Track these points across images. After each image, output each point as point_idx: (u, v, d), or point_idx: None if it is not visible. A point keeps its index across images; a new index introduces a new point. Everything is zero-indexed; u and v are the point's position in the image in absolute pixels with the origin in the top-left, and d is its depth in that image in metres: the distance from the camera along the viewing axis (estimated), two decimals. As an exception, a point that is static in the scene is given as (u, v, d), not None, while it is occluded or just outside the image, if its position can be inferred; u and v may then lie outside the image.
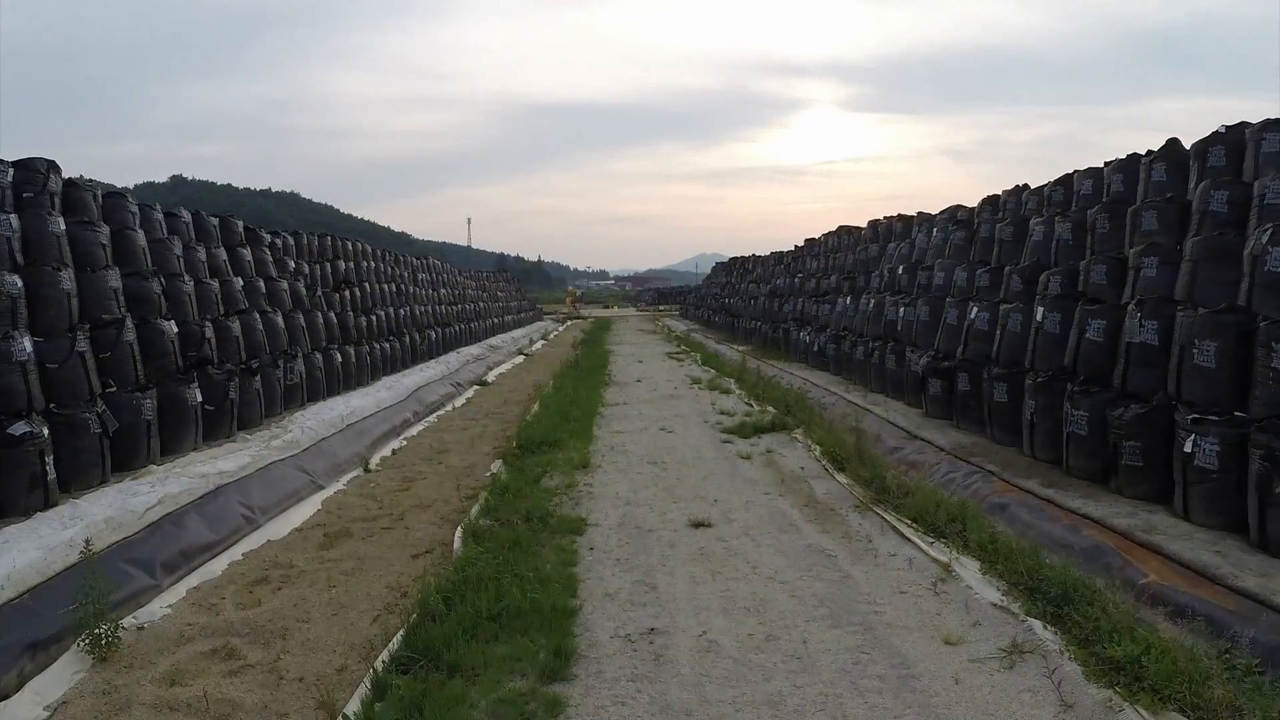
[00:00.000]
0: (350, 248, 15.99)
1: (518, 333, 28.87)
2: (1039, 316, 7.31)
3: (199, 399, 7.66)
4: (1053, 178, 11.21)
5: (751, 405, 11.15)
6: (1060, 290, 7.80)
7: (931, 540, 5.12)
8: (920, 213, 14.15)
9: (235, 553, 5.30)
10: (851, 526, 5.64)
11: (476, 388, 14.67)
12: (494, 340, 23.85)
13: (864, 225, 17.64)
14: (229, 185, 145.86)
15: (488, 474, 7.26)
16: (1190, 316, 5.62)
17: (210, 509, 6.05)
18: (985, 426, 7.62)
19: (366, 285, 15.16)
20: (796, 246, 23.06)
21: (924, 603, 4.35)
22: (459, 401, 12.88)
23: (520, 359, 20.91)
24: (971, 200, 12.84)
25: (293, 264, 12.74)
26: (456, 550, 4.85)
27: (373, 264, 16.79)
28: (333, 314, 12.46)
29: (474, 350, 19.77)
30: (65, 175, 7.85)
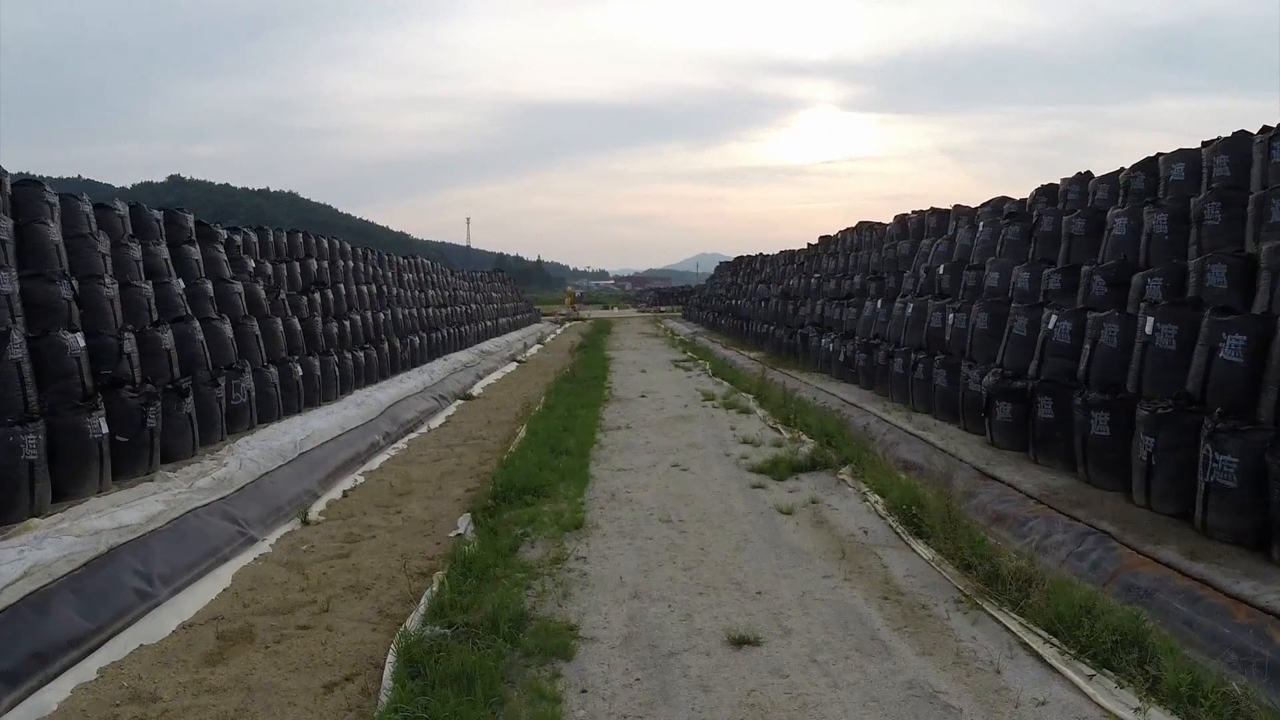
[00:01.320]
0: (325, 245, 14.59)
1: (513, 336, 27.42)
2: (1148, 328, 5.84)
3: (105, 430, 6.21)
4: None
5: (780, 431, 9.52)
6: (1163, 295, 6.39)
7: (1091, 673, 3.42)
8: (958, 205, 12.70)
9: (91, 666, 3.79)
10: (963, 641, 3.92)
11: (460, 402, 13.19)
12: (486, 345, 22.39)
13: (878, 222, 16.23)
14: (227, 185, 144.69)
15: (453, 533, 5.73)
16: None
17: (93, 583, 4.65)
18: (1077, 464, 6.14)
19: (341, 287, 13.73)
20: (810, 245, 21.55)
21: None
22: (438, 420, 11.37)
23: (513, 366, 19.44)
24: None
25: (253, 263, 11.30)
26: (385, 690, 3.26)
27: (350, 263, 15.37)
28: (297, 320, 10.99)
29: (463, 357, 18.28)
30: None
